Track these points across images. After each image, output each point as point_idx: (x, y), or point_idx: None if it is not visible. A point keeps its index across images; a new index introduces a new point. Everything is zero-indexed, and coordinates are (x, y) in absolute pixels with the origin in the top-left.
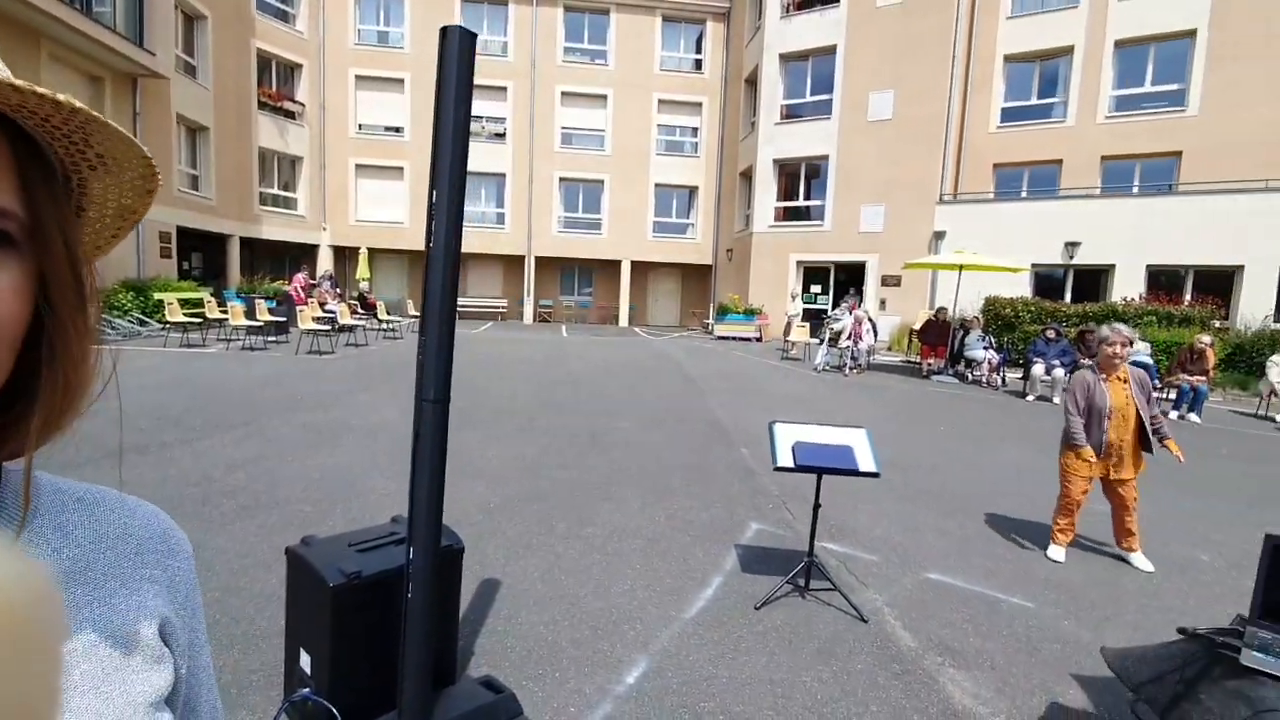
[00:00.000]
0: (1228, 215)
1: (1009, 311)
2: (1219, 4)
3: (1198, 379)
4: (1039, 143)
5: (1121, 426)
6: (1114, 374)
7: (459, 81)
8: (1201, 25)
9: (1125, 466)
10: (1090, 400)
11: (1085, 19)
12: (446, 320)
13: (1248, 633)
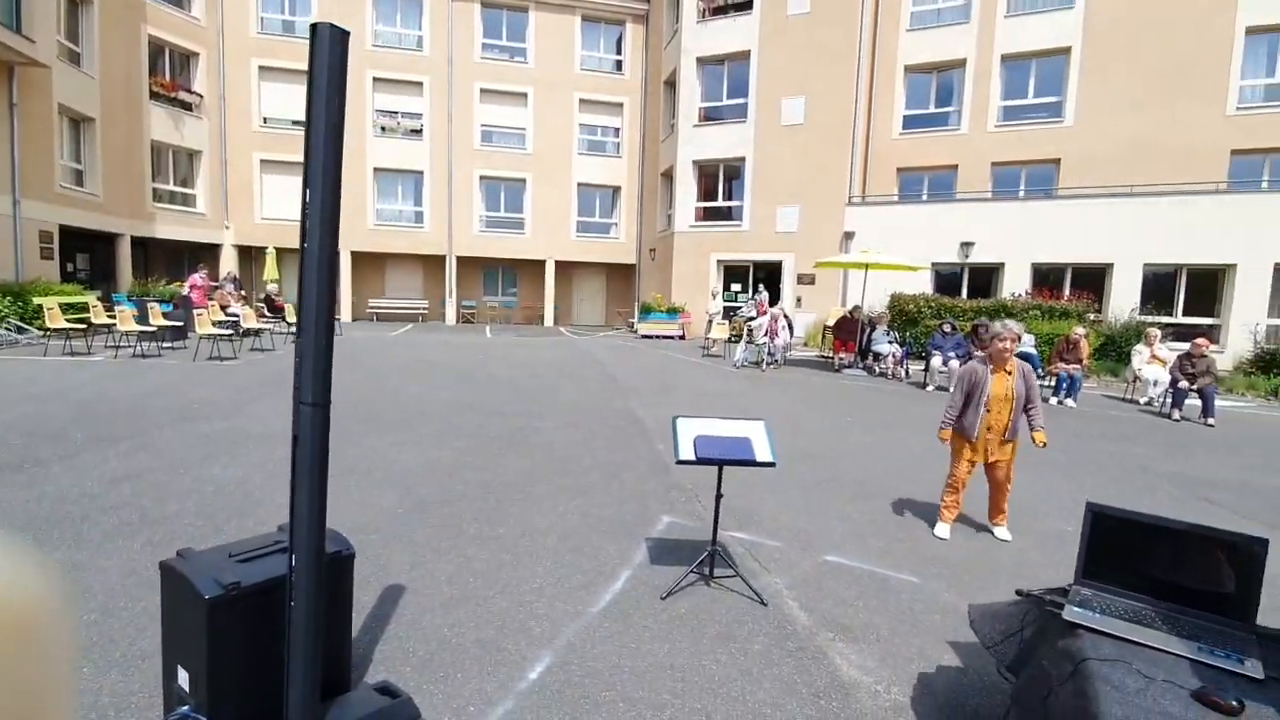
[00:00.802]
0: (1100, 218)
1: (912, 308)
2: (1090, 24)
3: (1073, 367)
4: (937, 149)
5: (998, 414)
6: (1002, 366)
7: (330, 81)
8: (1075, 43)
9: (998, 449)
10: (975, 388)
11: (975, 34)
12: (324, 321)
13: (1072, 591)
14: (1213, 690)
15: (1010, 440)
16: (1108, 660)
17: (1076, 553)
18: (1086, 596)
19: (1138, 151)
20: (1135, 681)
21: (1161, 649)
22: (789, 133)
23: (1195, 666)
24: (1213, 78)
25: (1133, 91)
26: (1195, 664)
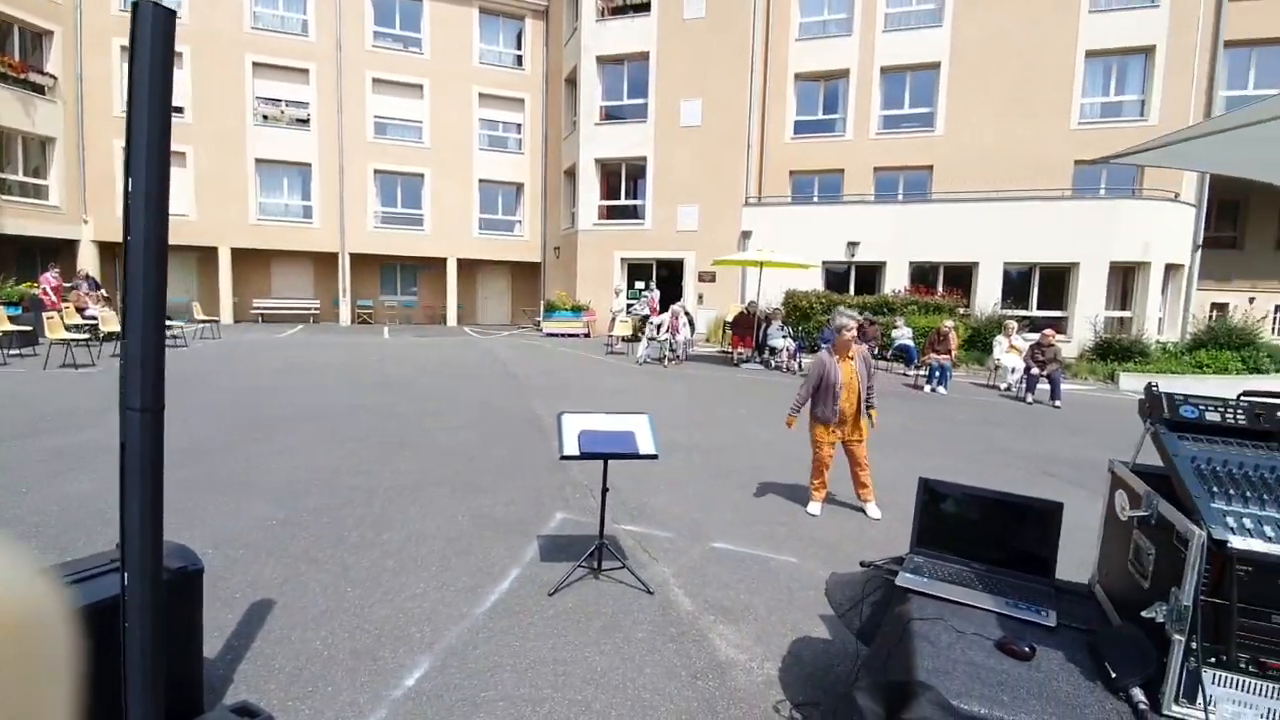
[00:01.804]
0: (967, 220)
1: (805, 304)
2: (956, 42)
3: (944, 357)
4: (825, 153)
5: (849, 397)
6: (846, 354)
7: (154, 64)
8: (944, 59)
9: (854, 429)
10: (826, 377)
11: (857, 46)
12: (153, 319)
13: (906, 559)
14: (1011, 639)
15: (861, 423)
16: (928, 619)
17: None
18: (919, 563)
19: (998, 160)
20: (949, 636)
21: (976, 606)
22: (687, 134)
23: (1003, 619)
24: (1059, 95)
25: (993, 105)
26: (1003, 617)
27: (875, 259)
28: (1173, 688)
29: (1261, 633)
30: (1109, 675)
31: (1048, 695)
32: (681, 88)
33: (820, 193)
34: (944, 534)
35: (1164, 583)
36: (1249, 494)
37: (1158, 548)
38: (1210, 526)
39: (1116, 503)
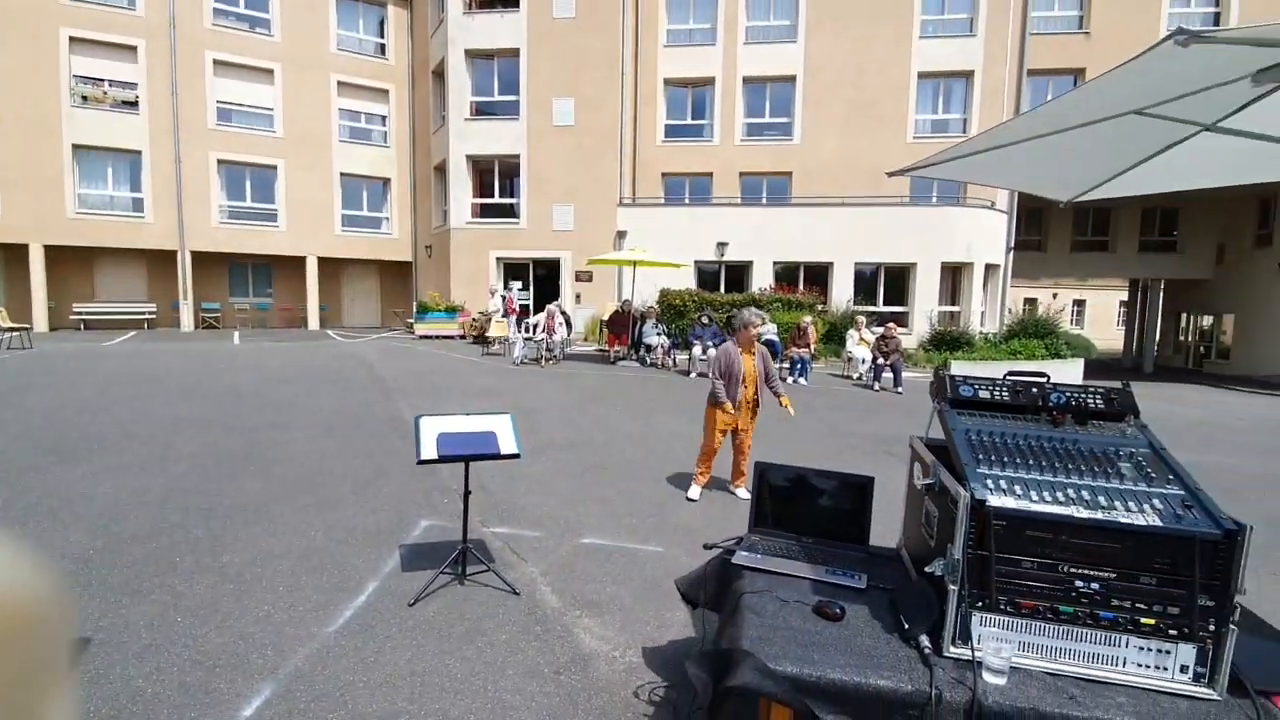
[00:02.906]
0: (822, 223)
1: (678, 302)
2: (810, 58)
3: (804, 351)
4: (695, 157)
5: (750, 388)
6: (749, 348)
7: None
8: (799, 73)
9: (748, 420)
10: (731, 368)
11: (721, 56)
12: None
13: (744, 539)
14: (826, 603)
15: (755, 414)
16: (757, 592)
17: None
18: (754, 541)
19: (848, 168)
20: (773, 606)
21: (799, 576)
22: (561, 133)
23: (821, 586)
24: (897, 111)
25: (842, 118)
26: (821, 584)
27: (743, 259)
28: (951, 631)
29: (1015, 577)
30: (903, 627)
31: (852, 650)
32: (554, 86)
33: (691, 195)
34: (777, 512)
35: (945, 541)
36: (1005, 459)
37: (940, 510)
38: (973, 488)
39: (914, 473)
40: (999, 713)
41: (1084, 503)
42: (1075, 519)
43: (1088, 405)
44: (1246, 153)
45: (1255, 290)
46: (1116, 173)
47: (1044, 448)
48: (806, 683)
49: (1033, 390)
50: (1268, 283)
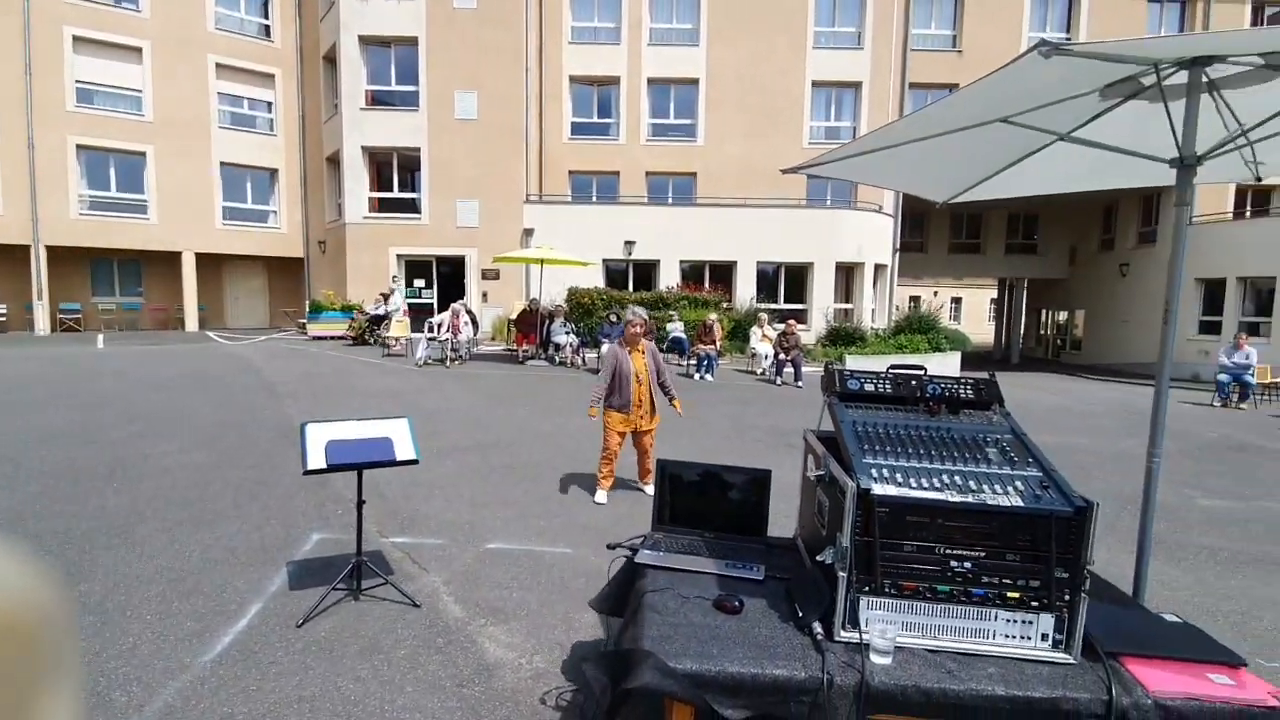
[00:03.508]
0: (727, 224)
1: (587, 300)
2: (711, 62)
3: (710, 348)
4: (602, 156)
5: (641, 388)
6: (636, 347)
7: None
8: (702, 76)
9: (646, 419)
10: (619, 368)
11: (626, 56)
12: None
13: (648, 537)
14: (725, 597)
15: (655, 412)
16: (659, 590)
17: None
18: (657, 539)
19: (749, 171)
20: (674, 603)
21: (701, 571)
22: (464, 127)
23: (722, 580)
24: (793, 117)
25: (743, 122)
26: (722, 578)
27: (651, 257)
28: (841, 617)
29: (898, 561)
30: (798, 615)
31: (750, 641)
32: (455, 78)
33: (598, 193)
34: (680, 509)
35: (835, 529)
36: (888, 449)
37: (831, 500)
38: (859, 478)
39: (807, 465)
40: (885, 692)
41: (957, 487)
42: (949, 503)
43: (959, 395)
44: (1095, 162)
45: (1101, 289)
46: (986, 176)
47: (922, 436)
48: (706, 678)
49: (911, 383)
50: (1111, 282)
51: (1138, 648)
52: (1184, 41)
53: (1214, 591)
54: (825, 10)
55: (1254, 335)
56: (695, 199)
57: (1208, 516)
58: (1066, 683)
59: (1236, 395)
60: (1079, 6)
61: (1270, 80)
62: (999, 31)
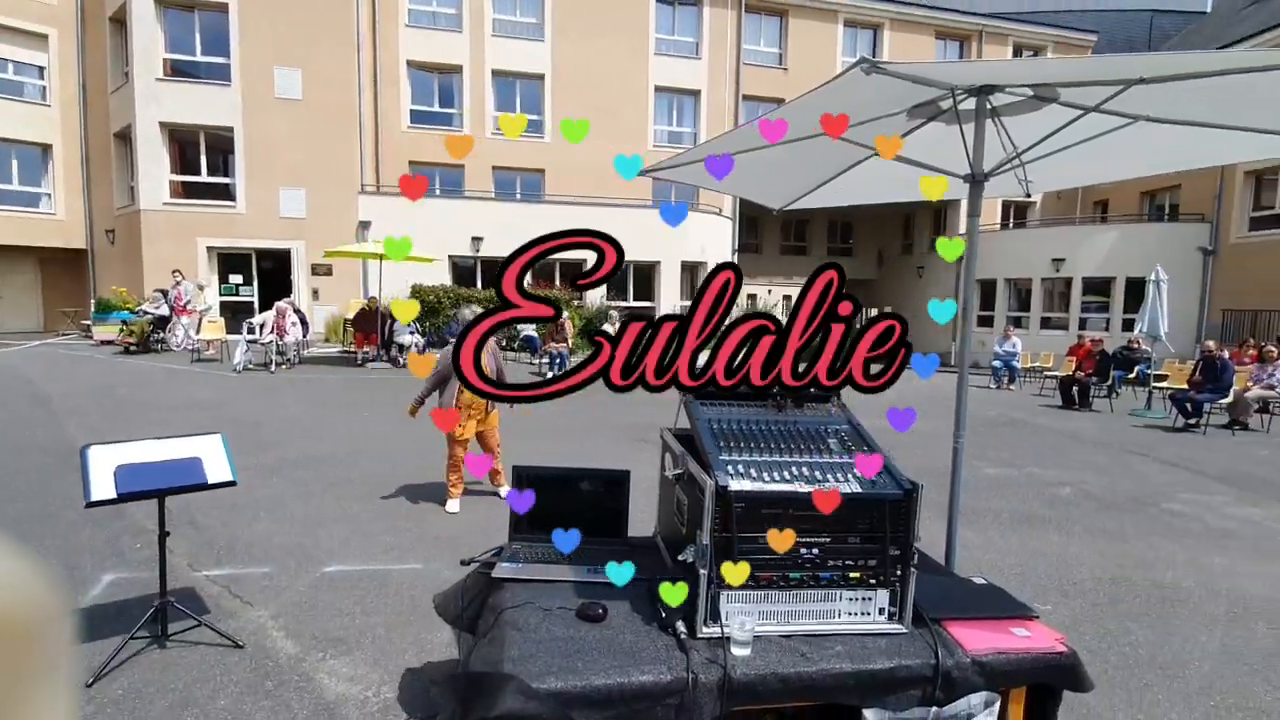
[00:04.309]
0: (575, 221)
1: (432, 298)
2: (557, 59)
3: (561, 346)
4: (443, 146)
5: None
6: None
7: None
8: (547, 72)
9: (487, 419)
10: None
11: (468, 45)
12: None
13: (505, 548)
14: (588, 605)
15: (493, 410)
16: (519, 605)
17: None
18: (515, 550)
19: (598, 170)
20: (536, 617)
21: (563, 580)
22: (286, 107)
23: (584, 587)
24: (638, 120)
25: (590, 121)
26: (584, 585)
27: (499, 254)
28: (703, 613)
29: (754, 553)
30: (661, 616)
31: (615, 649)
32: (274, 53)
33: (443, 186)
34: (539, 515)
35: (695, 527)
36: (743, 445)
37: (690, 498)
38: (717, 475)
39: (665, 464)
40: (746, 683)
41: (804, 478)
42: (799, 494)
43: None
44: (902, 176)
45: (901, 289)
46: (815, 186)
47: (771, 431)
48: (571, 694)
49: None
50: (909, 283)
51: (955, 612)
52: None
53: (999, 549)
54: (665, 19)
55: (1018, 327)
56: (544, 196)
57: (992, 483)
58: (901, 651)
59: (1007, 378)
60: (881, 40)
61: (1038, 109)
62: (817, 55)
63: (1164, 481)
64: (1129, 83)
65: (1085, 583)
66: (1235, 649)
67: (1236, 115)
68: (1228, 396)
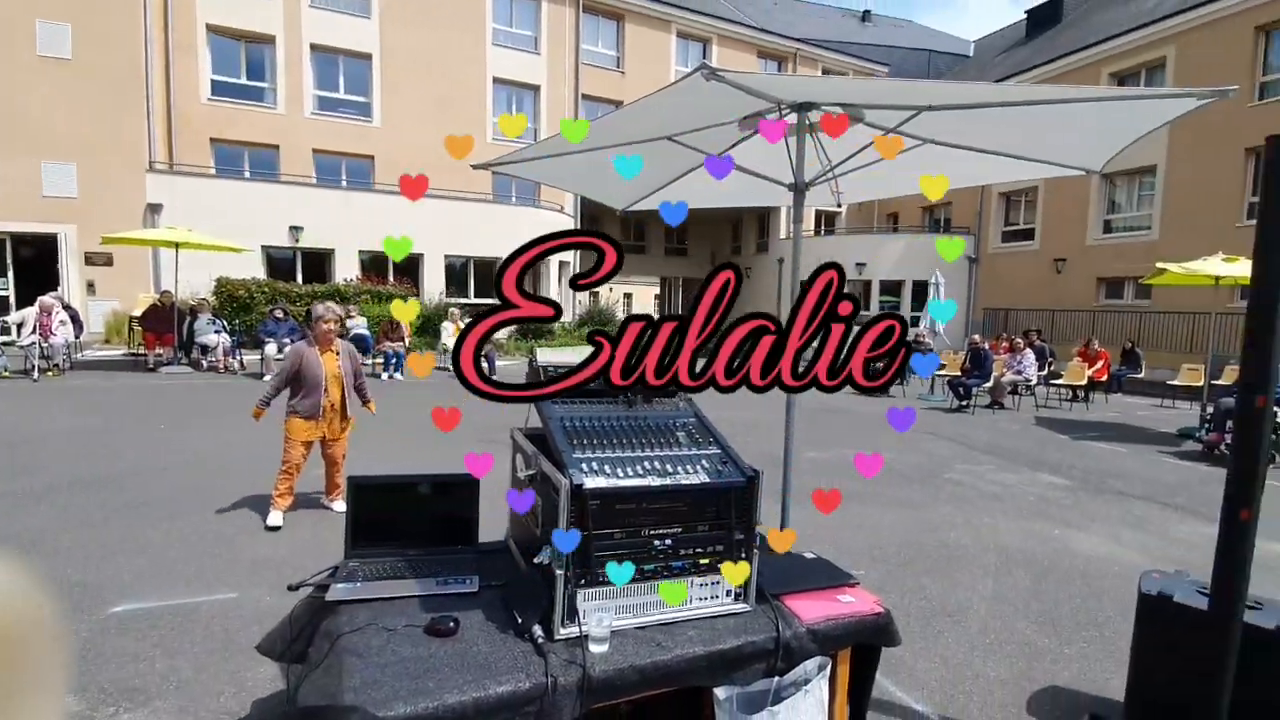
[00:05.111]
0: (412, 213)
1: (243, 293)
2: (385, 39)
3: (397, 345)
4: (256, 125)
5: (334, 392)
6: (329, 347)
7: None
8: (375, 52)
9: (336, 426)
10: (305, 371)
11: (282, 14)
12: None
13: (340, 568)
14: (438, 620)
15: (347, 417)
16: (358, 629)
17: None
18: (353, 568)
19: (435, 160)
20: (379, 639)
21: (409, 595)
22: (51, 67)
23: (435, 600)
24: (477, 111)
25: (425, 108)
26: (434, 598)
27: (324, 245)
28: (560, 614)
29: (610, 549)
30: (517, 622)
31: (468, 663)
32: (35, 4)
33: (253, 169)
34: (379, 529)
35: (550, 528)
36: (595, 441)
37: (544, 499)
38: (571, 474)
39: (516, 465)
40: (605, 680)
41: (656, 472)
42: (651, 488)
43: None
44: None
45: None
46: (656, 188)
47: (623, 427)
48: (424, 718)
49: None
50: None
51: (791, 586)
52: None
53: (822, 524)
54: (503, 9)
55: None
56: (374, 184)
57: (812, 465)
58: (747, 628)
59: None
60: (710, 54)
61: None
62: (653, 63)
63: (945, 455)
64: (919, 109)
65: (889, 547)
66: (1003, 594)
67: (996, 142)
68: (989, 382)
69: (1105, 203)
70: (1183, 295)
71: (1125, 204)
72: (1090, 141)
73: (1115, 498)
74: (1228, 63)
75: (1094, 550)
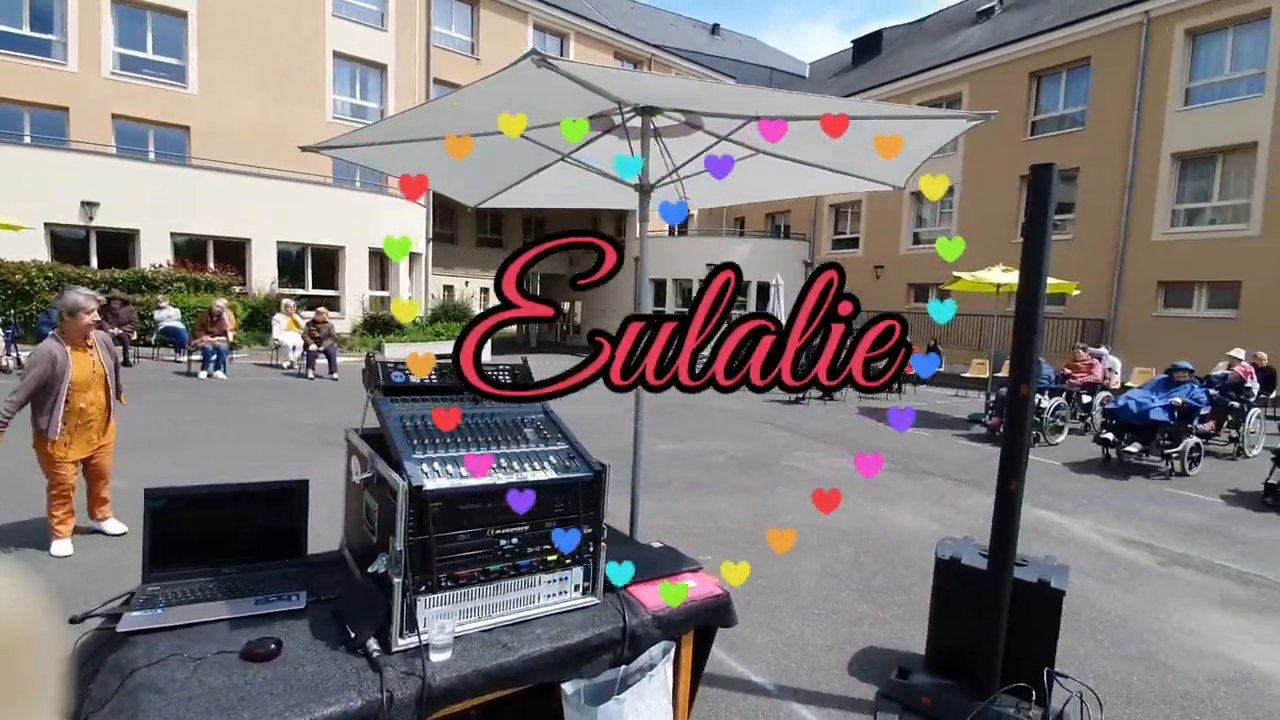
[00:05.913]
0: (237, 194)
1: (20, 278)
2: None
3: (219, 339)
4: (39, 82)
5: (94, 399)
6: (83, 343)
7: None
8: (191, 10)
9: (101, 436)
10: (56, 373)
11: None
12: None
13: (135, 594)
14: (255, 644)
15: (109, 422)
16: (158, 661)
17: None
18: (153, 593)
19: (264, 137)
20: (184, 671)
21: (220, 619)
22: None
23: (254, 621)
24: (314, 86)
25: (253, 78)
26: (254, 619)
27: (126, 226)
28: (398, 625)
29: (452, 552)
30: (350, 636)
31: (292, 687)
32: None
33: (35, 133)
34: (185, 547)
35: (387, 534)
36: (437, 442)
37: (381, 503)
38: (410, 475)
39: (351, 468)
40: (447, 688)
41: (502, 469)
42: (497, 486)
43: (498, 380)
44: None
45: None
46: (508, 185)
47: (469, 424)
48: None
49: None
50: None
51: (638, 575)
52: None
53: (671, 513)
54: None
55: None
56: (189, 159)
57: (665, 457)
58: (594, 621)
59: None
60: (568, 51)
61: (689, 134)
62: (509, 53)
63: (783, 444)
64: (750, 118)
65: (733, 532)
66: (830, 568)
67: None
68: None
69: (914, 218)
70: (974, 300)
71: (930, 219)
72: (896, 160)
73: (920, 476)
74: (1009, 102)
75: (904, 524)
